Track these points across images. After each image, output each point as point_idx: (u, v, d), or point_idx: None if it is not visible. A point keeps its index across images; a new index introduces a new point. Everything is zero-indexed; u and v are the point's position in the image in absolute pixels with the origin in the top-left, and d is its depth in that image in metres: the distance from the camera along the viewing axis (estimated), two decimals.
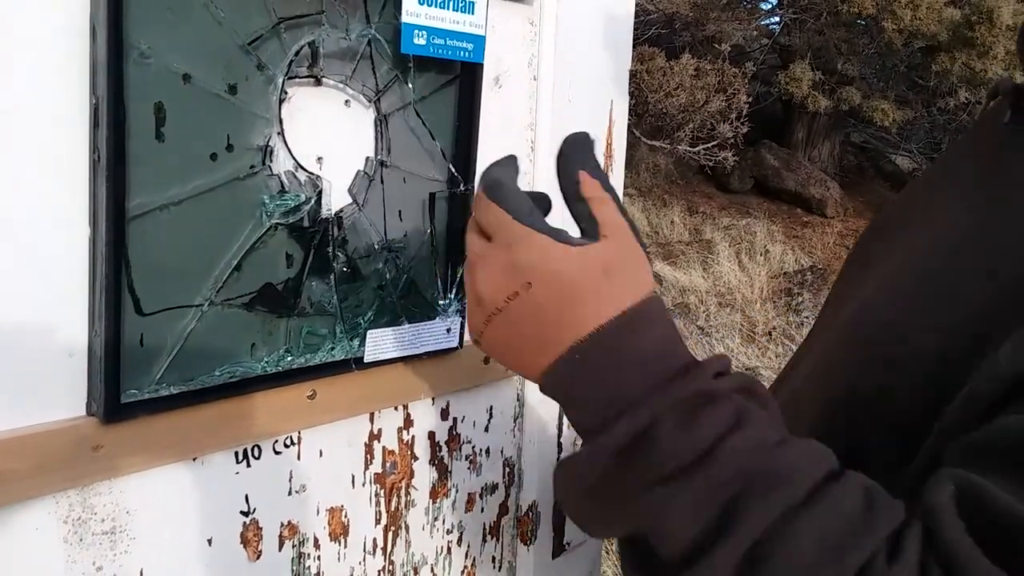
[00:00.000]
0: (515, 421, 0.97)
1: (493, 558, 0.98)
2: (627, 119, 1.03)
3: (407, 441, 0.85)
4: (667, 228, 8.31)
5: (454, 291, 0.83)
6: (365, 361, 0.76)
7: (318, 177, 0.70)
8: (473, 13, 0.77)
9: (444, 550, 0.92)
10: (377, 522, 0.84)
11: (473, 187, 0.81)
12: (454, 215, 0.81)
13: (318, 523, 0.78)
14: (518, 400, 0.97)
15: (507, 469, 0.98)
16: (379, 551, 0.84)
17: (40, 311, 0.57)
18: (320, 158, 0.71)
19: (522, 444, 0.99)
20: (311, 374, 0.73)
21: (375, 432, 0.82)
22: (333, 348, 0.74)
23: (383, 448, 0.83)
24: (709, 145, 8.14)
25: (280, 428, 0.73)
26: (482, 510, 0.95)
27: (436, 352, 0.83)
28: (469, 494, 0.93)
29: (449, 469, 0.90)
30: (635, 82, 7.36)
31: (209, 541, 0.69)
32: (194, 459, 0.67)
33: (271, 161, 0.67)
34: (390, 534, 0.85)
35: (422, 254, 0.80)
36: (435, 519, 0.90)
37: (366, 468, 0.82)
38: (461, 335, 0.84)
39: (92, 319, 0.59)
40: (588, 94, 0.96)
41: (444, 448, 0.89)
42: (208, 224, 0.64)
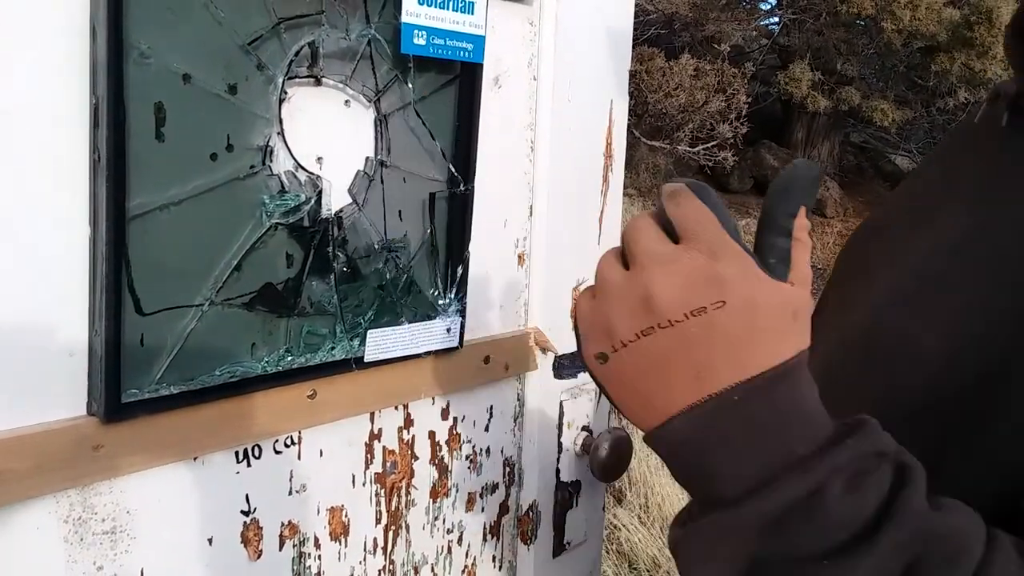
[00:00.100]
0: (515, 421, 0.98)
1: (493, 558, 0.98)
2: (627, 119, 1.03)
3: (407, 441, 0.85)
4: None
5: (454, 290, 0.83)
6: (365, 361, 0.76)
7: (318, 177, 0.71)
8: (473, 13, 0.77)
9: (444, 550, 0.92)
10: (377, 522, 0.84)
11: (473, 187, 0.82)
12: (454, 215, 0.81)
13: (318, 523, 0.78)
14: (518, 400, 0.97)
15: (507, 469, 0.98)
16: (379, 551, 0.85)
17: (40, 311, 0.57)
18: (320, 158, 0.71)
19: (522, 444, 0.99)
20: (311, 374, 0.73)
21: (375, 432, 0.82)
22: (333, 348, 0.74)
23: (383, 448, 0.83)
24: (708, 145, 8.15)
25: (280, 428, 0.73)
26: (482, 510, 0.95)
27: (436, 352, 0.83)
28: (469, 494, 0.93)
29: (449, 469, 0.90)
30: (635, 82, 7.37)
31: (210, 541, 0.69)
32: (194, 459, 0.67)
33: (271, 161, 0.67)
34: (390, 533, 0.85)
35: (422, 254, 0.80)
36: (435, 519, 0.90)
37: (366, 468, 0.82)
38: (461, 334, 0.84)
39: (92, 319, 0.59)
40: (588, 94, 0.96)
41: (444, 448, 0.89)
42: (208, 224, 0.64)
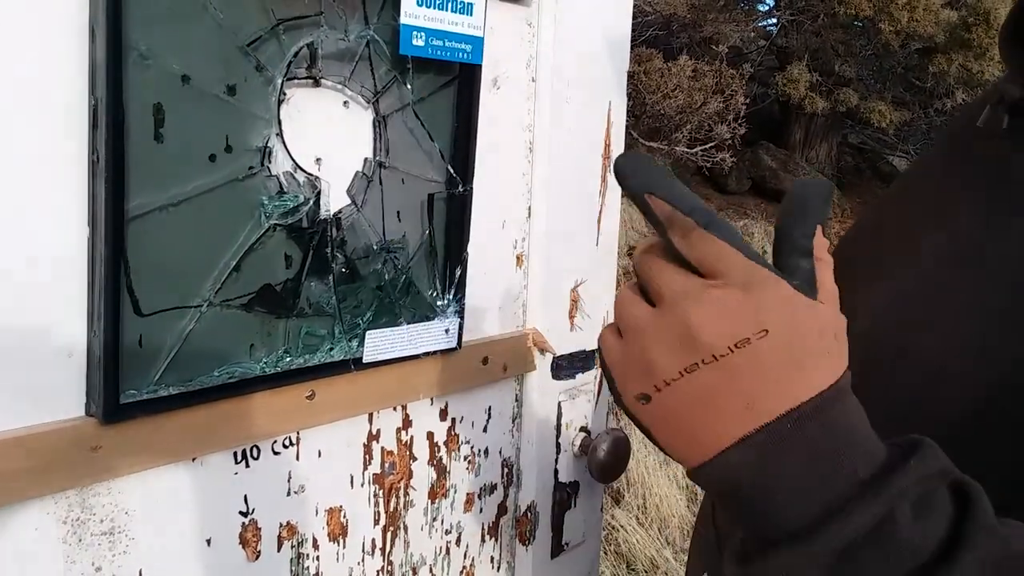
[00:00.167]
0: (513, 421, 0.98)
1: (492, 558, 0.98)
2: (625, 120, 1.03)
3: (406, 441, 0.85)
4: None
5: (453, 291, 0.83)
6: (364, 362, 0.77)
7: (317, 178, 0.71)
8: (471, 14, 0.77)
9: (443, 550, 0.92)
10: (376, 522, 0.84)
11: (471, 188, 0.82)
12: (453, 216, 0.81)
13: (317, 523, 0.78)
14: (516, 400, 0.97)
15: (506, 469, 0.98)
16: (378, 551, 0.85)
17: (39, 311, 0.57)
18: (319, 159, 0.71)
19: (520, 444, 0.99)
20: (310, 375, 0.73)
21: (374, 432, 0.82)
22: (332, 349, 0.74)
23: (382, 448, 0.83)
24: (707, 146, 8.15)
25: (279, 429, 0.73)
26: (481, 510, 0.95)
27: (435, 352, 0.83)
28: (468, 494, 0.93)
29: (448, 469, 0.90)
30: (633, 83, 7.37)
31: (208, 541, 0.69)
32: (193, 459, 0.67)
33: (270, 162, 0.67)
34: (389, 534, 0.85)
35: (421, 255, 0.80)
36: (434, 519, 0.90)
37: (365, 468, 0.82)
38: (460, 335, 0.84)
39: (91, 320, 0.59)
40: (586, 95, 0.96)
41: (443, 448, 0.89)
42: (207, 225, 0.64)
